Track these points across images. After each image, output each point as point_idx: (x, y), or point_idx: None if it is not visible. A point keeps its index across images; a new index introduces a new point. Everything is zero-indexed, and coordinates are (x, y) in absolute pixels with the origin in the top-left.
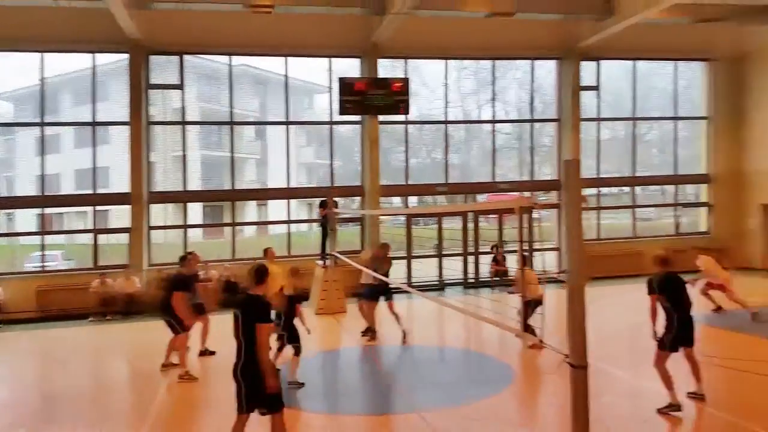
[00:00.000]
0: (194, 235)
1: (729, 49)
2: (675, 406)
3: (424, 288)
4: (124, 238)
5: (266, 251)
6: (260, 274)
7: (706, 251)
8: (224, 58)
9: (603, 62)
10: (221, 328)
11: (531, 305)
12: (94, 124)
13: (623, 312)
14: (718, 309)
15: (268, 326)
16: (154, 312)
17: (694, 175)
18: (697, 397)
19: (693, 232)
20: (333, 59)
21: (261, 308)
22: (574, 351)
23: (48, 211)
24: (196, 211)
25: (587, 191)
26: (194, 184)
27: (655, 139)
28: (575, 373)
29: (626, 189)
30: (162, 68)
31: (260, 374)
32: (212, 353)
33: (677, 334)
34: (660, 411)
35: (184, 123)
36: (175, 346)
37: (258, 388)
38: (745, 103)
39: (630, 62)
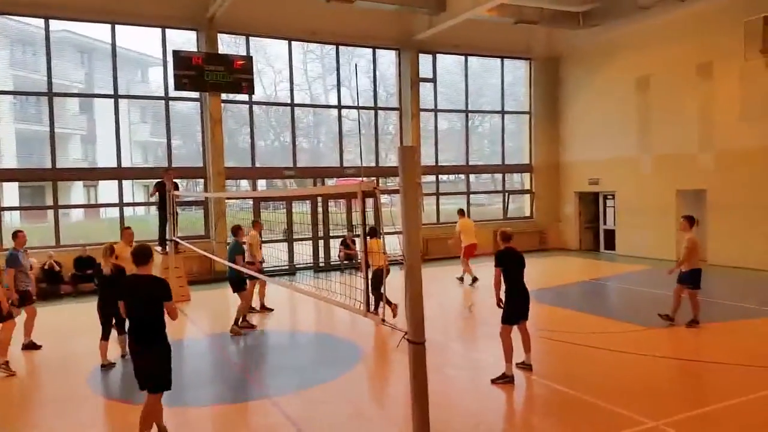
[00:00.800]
0: (11, 219)
1: (545, 50)
2: (508, 377)
3: (274, 273)
4: None
5: (124, 231)
6: (143, 254)
7: (466, 215)
8: (41, 22)
9: (439, 56)
10: (46, 320)
11: (377, 276)
12: None
13: (463, 290)
14: (462, 280)
15: (173, 302)
16: None
17: (520, 164)
18: (525, 367)
19: (519, 217)
20: (167, 30)
21: (163, 287)
22: (412, 328)
23: None
24: (12, 193)
25: (427, 178)
26: (9, 162)
27: (487, 131)
28: (414, 348)
29: (462, 176)
30: None
31: (150, 354)
32: (38, 347)
33: (514, 307)
34: (494, 381)
35: None
36: None
37: (147, 367)
38: (559, 100)
39: (463, 57)
